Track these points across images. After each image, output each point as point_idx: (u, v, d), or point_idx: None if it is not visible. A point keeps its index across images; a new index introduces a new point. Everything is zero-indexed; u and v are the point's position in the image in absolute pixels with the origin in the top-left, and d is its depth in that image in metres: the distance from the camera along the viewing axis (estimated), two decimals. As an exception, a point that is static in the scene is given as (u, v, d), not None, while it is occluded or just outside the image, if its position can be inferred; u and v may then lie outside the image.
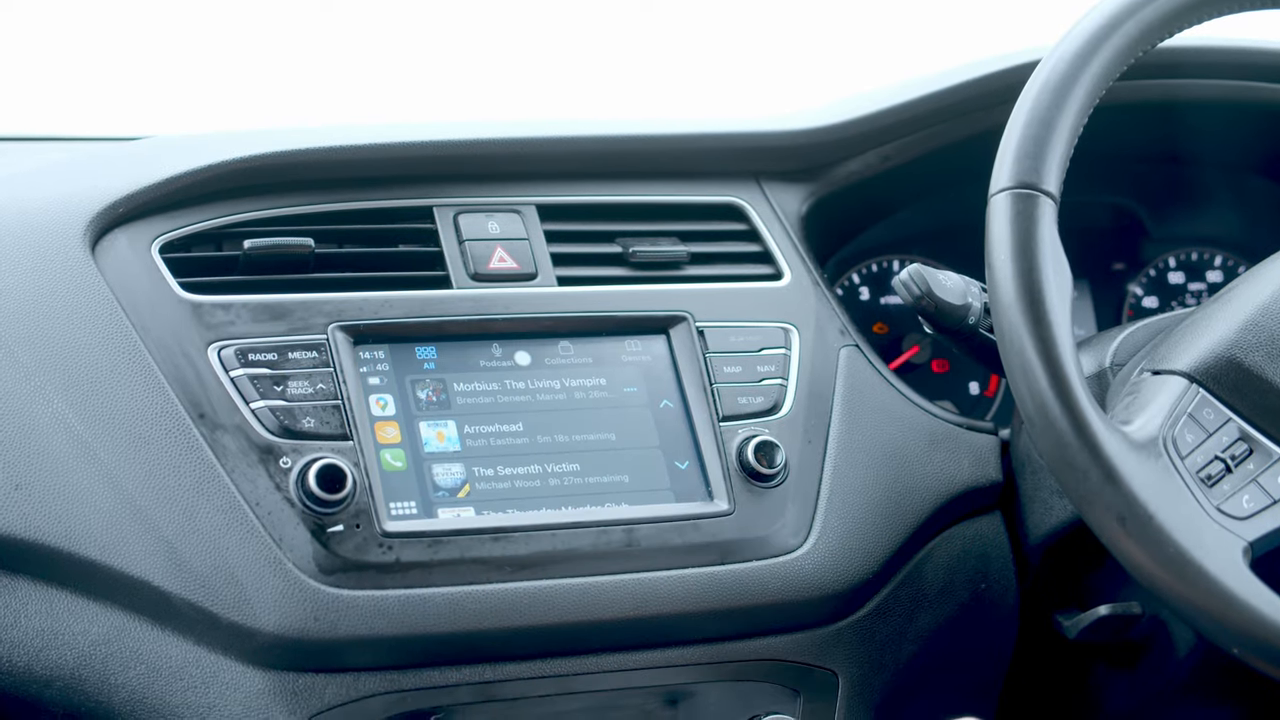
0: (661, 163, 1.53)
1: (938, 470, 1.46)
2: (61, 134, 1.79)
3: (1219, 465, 1.26)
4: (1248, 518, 1.25)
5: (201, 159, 1.37)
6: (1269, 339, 1.29)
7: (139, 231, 1.33)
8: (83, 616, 1.26)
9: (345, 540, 1.24)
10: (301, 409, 1.27)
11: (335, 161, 1.41)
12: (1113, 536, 1.21)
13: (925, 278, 1.41)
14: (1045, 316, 1.21)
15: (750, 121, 1.59)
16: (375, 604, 1.24)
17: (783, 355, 1.44)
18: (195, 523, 1.23)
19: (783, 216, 1.54)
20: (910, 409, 1.48)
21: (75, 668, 1.26)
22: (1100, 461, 1.20)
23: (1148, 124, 1.71)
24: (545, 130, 1.49)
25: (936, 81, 1.63)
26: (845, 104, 1.63)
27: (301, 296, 1.33)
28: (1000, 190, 1.26)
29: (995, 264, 1.24)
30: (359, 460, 1.27)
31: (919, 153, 1.63)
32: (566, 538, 1.30)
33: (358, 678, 1.27)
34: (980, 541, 1.49)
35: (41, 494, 1.24)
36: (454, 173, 1.45)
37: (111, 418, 1.26)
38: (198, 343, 1.28)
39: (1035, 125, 1.26)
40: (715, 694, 1.37)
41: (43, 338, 1.28)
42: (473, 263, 1.40)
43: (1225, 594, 1.19)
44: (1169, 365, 1.32)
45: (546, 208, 1.45)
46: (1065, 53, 1.28)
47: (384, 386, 1.31)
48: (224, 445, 1.25)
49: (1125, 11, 1.29)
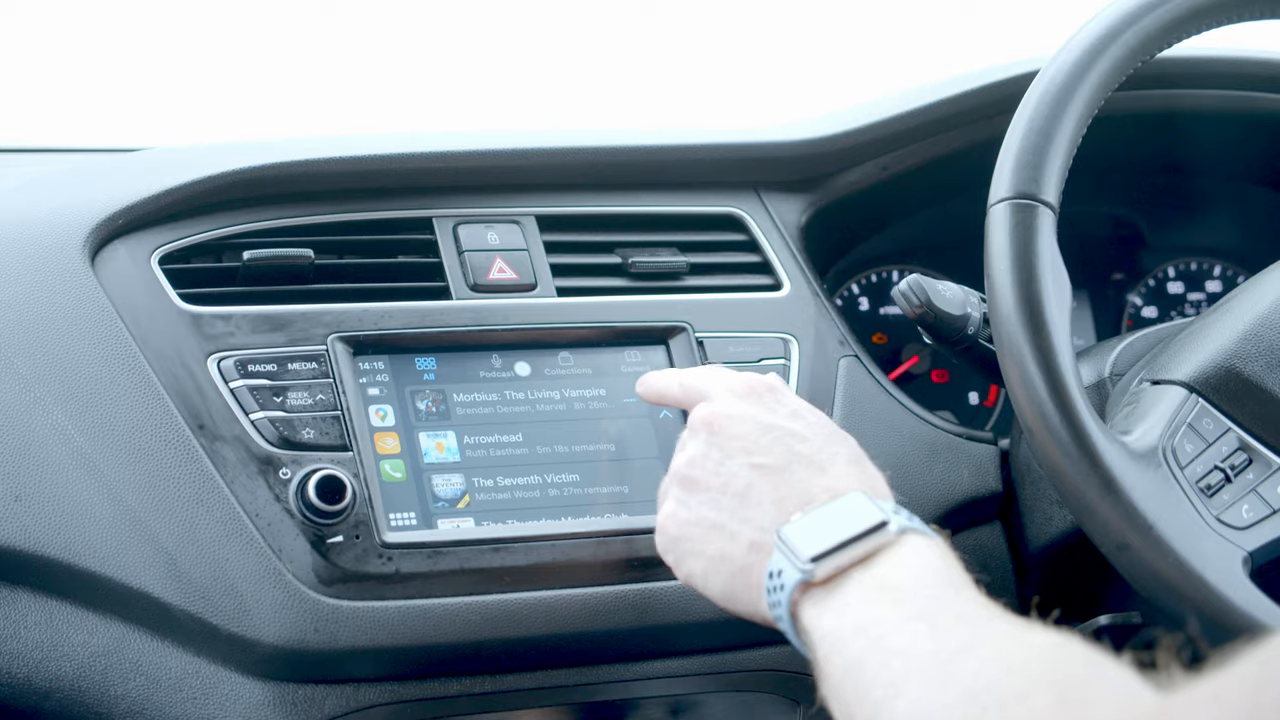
0: (661, 173, 1.53)
1: (937, 480, 1.46)
2: (61, 145, 1.79)
3: (1218, 475, 1.26)
4: (1247, 527, 1.25)
5: (201, 170, 1.37)
6: (1268, 349, 1.29)
7: (138, 243, 1.33)
8: (82, 628, 1.25)
9: (345, 551, 1.24)
10: (301, 420, 1.27)
11: (335, 173, 1.41)
12: (1112, 547, 1.21)
13: (924, 288, 1.41)
14: (1044, 327, 1.21)
15: (749, 132, 1.59)
16: (375, 615, 1.24)
17: (782, 365, 1.44)
18: (195, 534, 1.23)
19: (782, 227, 1.54)
20: (910, 419, 1.48)
21: (75, 679, 1.26)
22: (1100, 471, 1.20)
23: (1147, 134, 1.71)
24: (544, 141, 1.49)
25: (935, 92, 1.63)
26: (844, 114, 1.63)
27: (301, 307, 1.33)
28: (999, 200, 1.26)
29: (994, 274, 1.24)
30: (359, 471, 1.27)
31: (918, 163, 1.63)
32: (566, 548, 1.30)
33: (358, 689, 1.27)
34: (980, 551, 1.49)
35: (41, 505, 1.24)
36: (453, 184, 1.45)
37: (111, 429, 1.26)
38: (197, 354, 1.28)
39: (1034, 135, 1.26)
40: (715, 704, 1.37)
41: (42, 349, 1.28)
42: (472, 273, 1.40)
43: (1225, 604, 1.19)
44: (1168, 375, 1.32)
45: (546, 218, 1.45)
46: (1064, 63, 1.28)
47: (383, 397, 1.31)
48: (223, 456, 1.25)
49: (1124, 21, 1.29)
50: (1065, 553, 1.44)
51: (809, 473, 1.09)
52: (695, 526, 1.11)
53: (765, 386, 1.16)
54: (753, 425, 1.12)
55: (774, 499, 1.07)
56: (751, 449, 1.10)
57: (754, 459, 1.10)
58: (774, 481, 1.08)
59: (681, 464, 1.14)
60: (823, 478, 1.08)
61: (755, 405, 1.14)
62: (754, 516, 1.07)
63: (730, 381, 1.17)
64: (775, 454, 1.10)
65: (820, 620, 0.99)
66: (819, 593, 1.00)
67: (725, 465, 1.11)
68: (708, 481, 1.11)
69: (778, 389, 1.16)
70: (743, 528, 1.08)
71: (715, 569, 1.09)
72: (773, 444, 1.10)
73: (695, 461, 1.12)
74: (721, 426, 1.13)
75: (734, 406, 1.14)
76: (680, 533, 1.12)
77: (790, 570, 1.01)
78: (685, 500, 1.12)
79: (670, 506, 1.14)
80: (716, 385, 1.18)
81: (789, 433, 1.11)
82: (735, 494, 1.09)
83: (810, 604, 1.00)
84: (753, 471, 1.09)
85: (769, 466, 1.09)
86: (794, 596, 1.01)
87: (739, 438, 1.12)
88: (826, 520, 1.03)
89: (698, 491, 1.12)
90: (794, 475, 1.09)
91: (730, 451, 1.11)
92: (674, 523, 1.13)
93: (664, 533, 1.14)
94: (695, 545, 1.11)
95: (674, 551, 1.13)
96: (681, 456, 1.14)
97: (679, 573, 1.14)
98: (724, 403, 1.15)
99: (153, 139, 1.74)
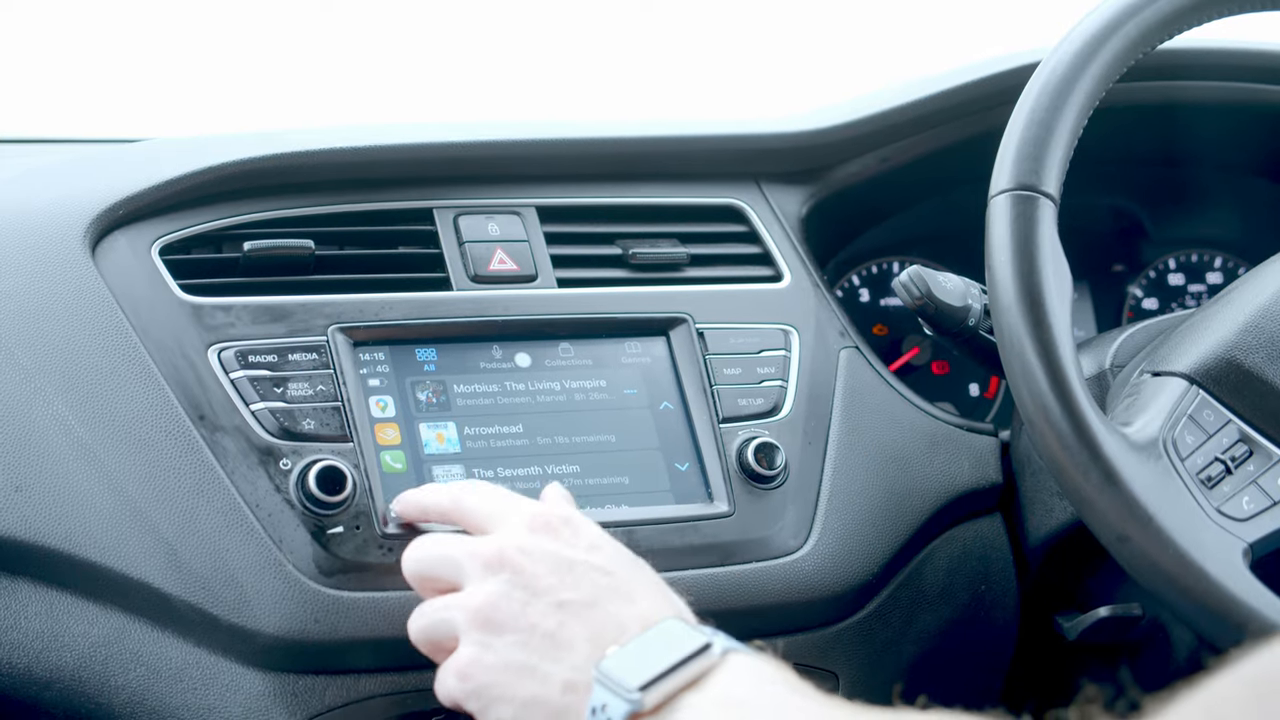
0: (661, 164, 1.53)
1: (938, 472, 1.46)
2: (61, 136, 1.79)
3: (1219, 467, 1.26)
4: (1248, 519, 1.25)
5: (201, 161, 1.37)
6: (1269, 340, 1.29)
7: (139, 233, 1.33)
8: (83, 618, 1.26)
9: (345, 542, 1.24)
10: (301, 411, 1.27)
11: (335, 163, 1.41)
12: (1112, 538, 1.21)
13: (925, 279, 1.41)
14: (1045, 318, 1.21)
15: (750, 123, 1.59)
16: (375, 605, 1.24)
17: (783, 357, 1.44)
18: (195, 524, 1.23)
19: (782, 218, 1.54)
20: (910, 411, 1.48)
21: (75, 669, 1.26)
22: (1100, 463, 1.20)
23: (1148, 126, 1.71)
24: (545, 132, 1.49)
25: (936, 83, 1.63)
26: (845, 106, 1.63)
27: (301, 298, 1.33)
28: (1000, 192, 1.26)
29: (995, 266, 1.24)
30: (359, 462, 1.27)
31: (919, 154, 1.63)
32: (566, 539, 1.30)
33: (358, 679, 1.27)
34: (980, 543, 1.49)
35: (42, 496, 1.24)
36: (454, 174, 1.45)
37: (112, 420, 1.26)
38: (198, 344, 1.28)
39: (1035, 127, 1.26)
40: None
41: (43, 340, 1.28)
42: (473, 264, 1.40)
43: (1225, 595, 1.19)
44: (1169, 367, 1.32)
45: (546, 209, 1.45)
46: (1065, 54, 1.28)
47: (384, 388, 1.31)
48: (224, 447, 1.25)
49: (1125, 13, 1.29)
50: (1066, 544, 1.44)
51: (619, 605, 1.04)
52: (503, 672, 1.04)
53: (560, 520, 1.11)
54: (555, 562, 1.07)
55: (587, 636, 1.03)
56: (557, 586, 1.05)
57: (560, 596, 1.05)
58: (585, 618, 1.03)
59: (480, 604, 1.07)
60: (633, 608, 1.04)
61: (553, 540, 1.09)
62: (567, 656, 1.02)
63: (519, 511, 1.12)
64: (582, 590, 1.05)
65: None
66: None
67: (532, 605, 1.05)
68: (514, 623, 1.05)
69: (574, 521, 1.11)
70: (555, 668, 1.02)
71: (528, 714, 1.03)
72: (578, 580, 1.06)
73: (496, 604, 1.06)
74: (521, 565, 1.07)
75: (529, 540, 1.09)
76: (487, 679, 1.05)
77: (616, 703, 0.97)
78: (489, 644, 1.06)
79: (472, 651, 1.06)
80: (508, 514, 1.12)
81: (592, 567, 1.07)
82: (545, 634, 1.04)
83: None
84: (562, 610, 1.04)
85: (577, 603, 1.04)
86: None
87: (542, 576, 1.06)
88: (646, 649, 0.99)
89: (504, 634, 1.05)
90: (604, 609, 1.04)
91: (536, 591, 1.05)
92: (478, 669, 1.06)
93: (467, 679, 1.06)
94: (504, 691, 1.04)
95: (479, 699, 1.06)
96: (477, 595, 1.07)
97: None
98: (517, 536, 1.09)
99: (153, 129, 1.74)
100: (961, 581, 1.48)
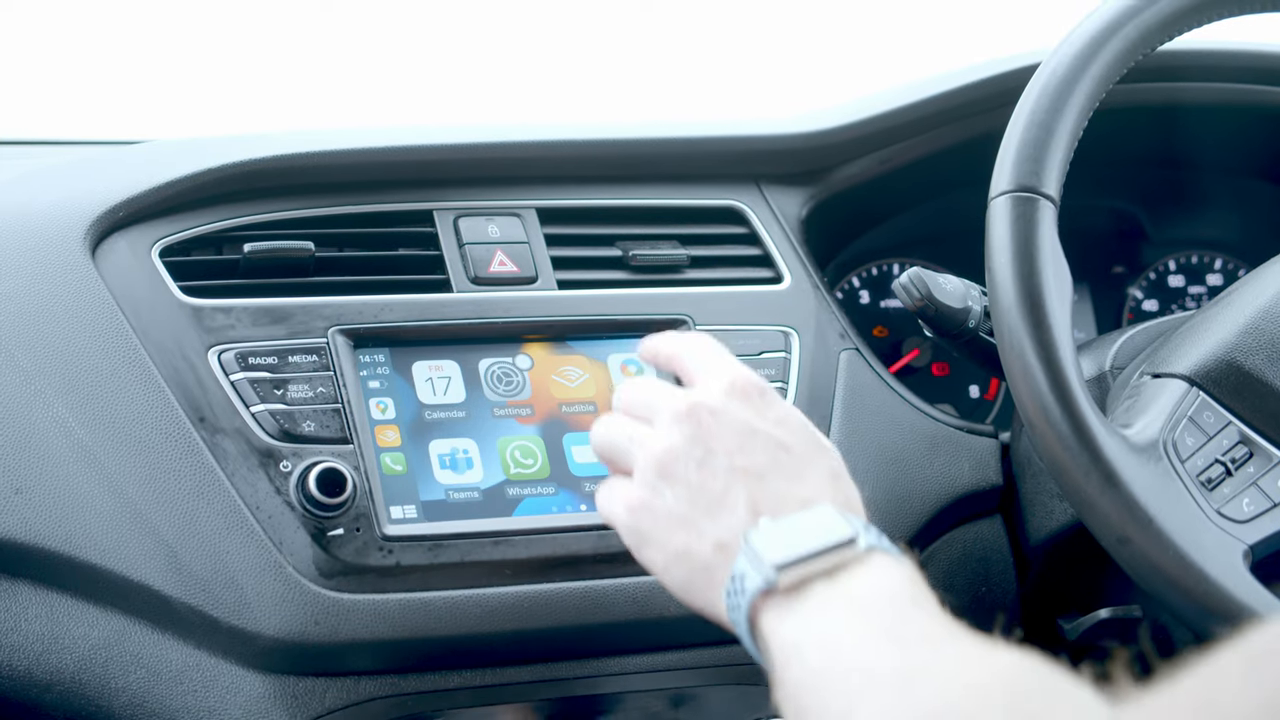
0: (661, 166, 1.53)
1: (938, 473, 1.46)
2: (61, 138, 1.79)
3: (1219, 468, 1.26)
4: (1248, 521, 1.25)
5: (201, 163, 1.37)
6: (1269, 342, 1.29)
7: (139, 235, 1.33)
8: (83, 620, 1.26)
9: (345, 544, 1.24)
10: (302, 412, 1.27)
11: (335, 165, 1.41)
12: (1112, 540, 1.21)
13: (925, 281, 1.41)
14: (1045, 320, 1.21)
15: (750, 125, 1.59)
16: (376, 608, 1.24)
17: (783, 358, 1.44)
18: (195, 526, 1.23)
19: (783, 220, 1.54)
20: (910, 412, 1.48)
21: (75, 672, 1.26)
22: (1100, 465, 1.20)
23: (1148, 127, 1.71)
24: (545, 134, 1.49)
25: (936, 85, 1.63)
26: (845, 107, 1.63)
27: (302, 300, 1.33)
28: (1000, 193, 1.26)
29: (995, 267, 1.24)
30: (359, 464, 1.27)
31: (919, 156, 1.63)
32: (567, 541, 1.30)
33: (358, 681, 1.27)
34: (980, 545, 1.49)
35: (42, 498, 1.24)
36: (454, 176, 1.45)
37: (112, 421, 1.26)
38: (198, 346, 1.28)
39: (1035, 129, 1.26)
40: (717, 697, 1.37)
41: (43, 342, 1.28)
42: (473, 266, 1.40)
43: (1225, 597, 1.19)
44: (1169, 368, 1.32)
45: (546, 211, 1.45)
46: (1065, 56, 1.28)
47: (384, 390, 1.31)
48: (224, 449, 1.25)
49: (1125, 15, 1.29)
50: (1066, 546, 1.44)
51: (786, 481, 1.07)
52: (665, 518, 1.09)
53: (756, 389, 1.14)
54: (739, 426, 1.10)
55: (748, 503, 1.06)
56: (734, 450, 1.08)
57: (735, 461, 1.08)
58: (751, 486, 1.07)
59: (660, 451, 1.11)
60: (798, 487, 1.07)
61: (744, 406, 1.12)
62: (725, 518, 1.06)
63: (723, 374, 1.15)
64: (756, 459, 1.08)
65: (780, 628, 0.98)
66: (781, 601, 0.99)
67: (706, 464, 1.09)
68: (686, 476, 1.09)
69: (767, 392, 1.14)
70: (712, 526, 1.06)
71: (678, 563, 1.08)
72: (756, 449, 1.09)
73: (676, 455, 1.10)
74: (707, 424, 1.10)
75: (722, 402, 1.12)
76: (649, 523, 1.10)
77: (754, 575, 1.00)
78: (660, 490, 1.10)
79: (644, 494, 1.11)
80: (708, 374, 1.16)
81: (773, 439, 1.10)
82: (711, 493, 1.08)
83: (771, 611, 0.99)
84: (732, 474, 1.08)
85: (749, 470, 1.07)
86: (755, 602, 1.00)
87: (723, 438, 1.10)
88: (795, 530, 1.02)
89: (675, 484, 1.09)
90: (771, 482, 1.07)
91: (713, 451, 1.09)
92: (645, 512, 1.10)
93: (633, 515, 1.11)
94: (661, 536, 1.09)
95: (637, 535, 1.11)
96: (661, 441, 1.11)
97: (638, 556, 1.12)
98: (712, 396, 1.12)
99: (153, 131, 1.74)
100: (962, 583, 1.48)
